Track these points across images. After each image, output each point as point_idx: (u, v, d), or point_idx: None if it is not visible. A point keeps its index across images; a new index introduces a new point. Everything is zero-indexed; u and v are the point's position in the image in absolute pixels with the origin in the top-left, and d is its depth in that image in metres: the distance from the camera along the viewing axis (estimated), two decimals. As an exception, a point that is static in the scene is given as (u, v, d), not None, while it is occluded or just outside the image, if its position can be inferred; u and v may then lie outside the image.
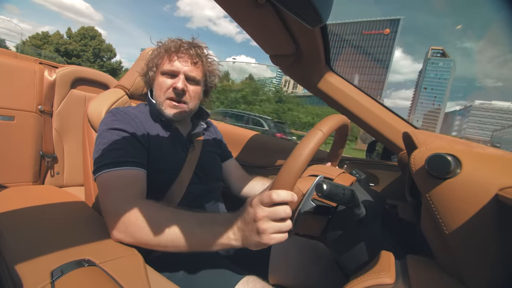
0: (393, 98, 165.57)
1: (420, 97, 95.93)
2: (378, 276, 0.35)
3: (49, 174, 1.02)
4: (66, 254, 0.40)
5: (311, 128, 0.42)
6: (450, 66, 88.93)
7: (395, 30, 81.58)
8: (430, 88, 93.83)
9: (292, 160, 0.38)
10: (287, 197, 0.38)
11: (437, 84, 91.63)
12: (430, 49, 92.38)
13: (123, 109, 0.63)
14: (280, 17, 0.53)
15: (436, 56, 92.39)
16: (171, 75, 0.63)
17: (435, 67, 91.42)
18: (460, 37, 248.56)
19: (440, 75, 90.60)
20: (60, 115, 1.02)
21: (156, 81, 0.64)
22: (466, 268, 0.32)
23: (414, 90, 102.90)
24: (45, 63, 1.08)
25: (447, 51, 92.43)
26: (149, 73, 0.66)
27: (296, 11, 0.33)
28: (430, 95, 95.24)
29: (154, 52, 0.66)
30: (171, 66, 0.62)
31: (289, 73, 0.79)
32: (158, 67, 0.64)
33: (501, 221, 0.29)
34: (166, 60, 0.63)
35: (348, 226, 0.47)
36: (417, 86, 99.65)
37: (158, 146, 0.61)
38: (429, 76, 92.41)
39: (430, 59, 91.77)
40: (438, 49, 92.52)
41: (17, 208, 0.55)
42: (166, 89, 0.62)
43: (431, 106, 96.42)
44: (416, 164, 0.36)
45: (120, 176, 0.52)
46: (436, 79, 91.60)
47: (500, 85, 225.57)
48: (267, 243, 0.39)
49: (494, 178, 0.30)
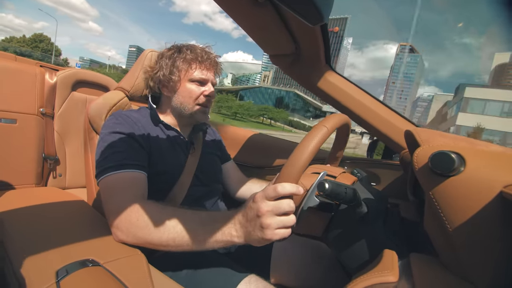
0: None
1: (388, 92, 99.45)
2: (382, 275, 0.35)
3: (51, 176, 1.02)
4: (70, 254, 0.41)
5: (316, 124, 0.42)
6: (417, 61, 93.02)
7: (343, 29, 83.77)
8: (398, 82, 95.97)
9: (297, 154, 0.38)
10: (293, 189, 0.38)
11: (404, 78, 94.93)
12: (399, 45, 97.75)
13: (125, 112, 0.63)
14: (280, 16, 0.53)
15: (404, 52, 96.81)
16: (201, 82, 0.66)
17: (402, 62, 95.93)
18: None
19: (407, 70, 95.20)
20: (62, 118, 1.03)
21: (183, 87, 0.65)
22: (470, 266, 0.32)
23: (386, 86, 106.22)
24: (46, 66, 1.09)
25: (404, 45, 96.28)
26: (171, 78, 0.64)
27: (297, 9, 0.33)
28: (398, 89, 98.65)
29: (173, 56, 0.65)
30: (203, 75, 0.65)
31: (289, 73, 0.79)
32: (184, 73, 0.64)
33: (506, 218, 0.29)
34: (197, 68, 0.64)
35: (350, 225, 0.47)
36: (388, 81, 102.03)
37: (159, 149, 0.61)
38: (397, 71, 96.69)
39: (398, 55, 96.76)
40: (406, 44, 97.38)
41: (21, 209, 0.55)
42: (197, 96, 0.65)
43: (398, 99, 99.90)
44: (419, 162, 0.36)
45: (122, 179, 0.52)
46: (404, 74, 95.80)
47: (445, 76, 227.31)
48: (271, 239, 0.38)
49: (499, 175, 0.30)
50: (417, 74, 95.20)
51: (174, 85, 0.65)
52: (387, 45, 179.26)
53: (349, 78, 0.77)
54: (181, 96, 0.65)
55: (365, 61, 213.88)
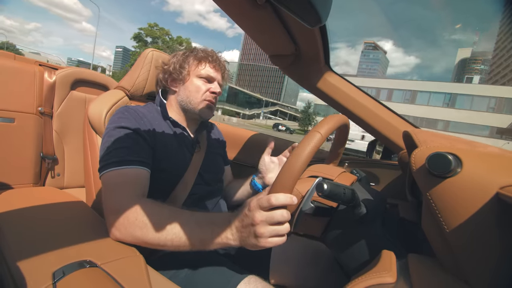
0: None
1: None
2: (380, 276, 0.35)
3: (49, 175, 1.02)
4: (68, 255, 0.40)
5: (309, 130, 0.42)
6: (379, 58, 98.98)
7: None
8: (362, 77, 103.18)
9: (290, 163, 0.38)
10: (286, 200, 0.38)
11: (368, 74, 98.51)
12: (363, 43, 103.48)
13: (132, 107, 0.63)
14: (279, 17, 0.53)
15: (369, 49, 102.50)
16: (208, 80, 0.69)
17: (366, 59, 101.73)
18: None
19: (370, 66, 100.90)
20: (60, 117, 1.02)
21: (190, 81, 0.68)
22: (467, 267, 0.32)
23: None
24: (45, 65, 1.08)
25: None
26: (181, 71, 0.68)
27: (296, 11, 0.33)
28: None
29: (186, 54, 0.69)
30: (210, 73, 0.68)
31: (288, 73, 0.79)
32: (194, 68, 0.68)
33: (502, 219, 0.29)
34: (206, 66, 0.68)
35: (348, 225, 0.47)
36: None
37: (164, 146, 0.61)
38: (361, 67, 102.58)
39: (363, 51, 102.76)
40: (370, 42, 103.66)
41: (18, 209, 0.55)
42: (204, 92, 0.68)
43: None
44: (416, 163, 0.36)
45: (124, 175, 0.52)
46: (367, 69, 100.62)
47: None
48: (264, 246, 0.40)
49: (495, 176, 0.30)
50: (380, 70, 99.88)
51: (183, 79, 0.68)
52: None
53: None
54: (188, 90, 0.67)
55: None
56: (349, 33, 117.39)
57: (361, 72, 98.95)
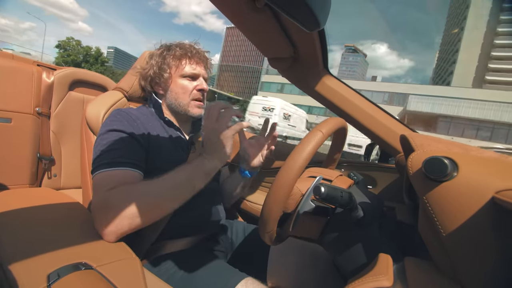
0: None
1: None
2: (376, 279, 0.35)
3: (46, 176, 1.01)
4: (63, 257, 0.40)
5: (312, 129, 0.43)
6: (358, 60, 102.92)
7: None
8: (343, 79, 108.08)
9: (292, 159, 0.39)
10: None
11: (347, 76, 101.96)
12: (344, 46, 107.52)
13: (124, 110, 0.63)
14: (278, 21, 0.54)
15: (349, 52, 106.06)
16: (192, 77, 0.67)
17: (346, 62, 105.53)
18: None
19: (350, 68, 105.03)
20: (58, 117, 1.02)
21: (174, 83, 0.66)
22: (463, 270, 0.32)
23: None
24: (43, 65, 1.08)
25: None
26: (162, 74, 0.66)
27: (295, 15, 0.34)
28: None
29: (163, 54, 0.66)
30: (193, 70, 0.66)
31: (287, 76, 0.80)
32: (175, 69, 0.66)
33: (498, 223, 0.30)
34: (186, 63, 0.66)
35: (346, 228, 0.47)
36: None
37: (158, 146, 0.61)
38: (342, 69, 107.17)
39: (343, 54, 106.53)
40: (350, 46, 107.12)
41: (13, 210, 0.54)
42: (191, 91, 0.67)
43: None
44: (413, 166, 0.36)
45: (114, 176, 0.52)
46: (347, 72, 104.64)
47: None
48: (229, 136, 0.53)
49: (491, 181, 0.31)
50: (359, 72, 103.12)
51: (166, 82, 0.66)
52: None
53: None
54: (174, 92, 0.66)
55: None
56: (343, 36, 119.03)
57: (341, 74, 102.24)
